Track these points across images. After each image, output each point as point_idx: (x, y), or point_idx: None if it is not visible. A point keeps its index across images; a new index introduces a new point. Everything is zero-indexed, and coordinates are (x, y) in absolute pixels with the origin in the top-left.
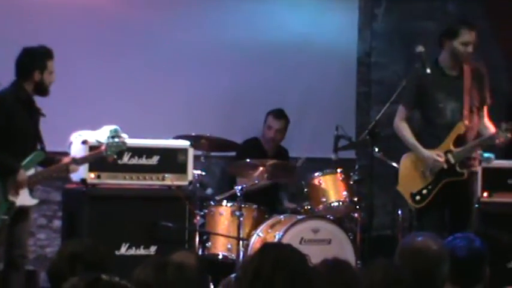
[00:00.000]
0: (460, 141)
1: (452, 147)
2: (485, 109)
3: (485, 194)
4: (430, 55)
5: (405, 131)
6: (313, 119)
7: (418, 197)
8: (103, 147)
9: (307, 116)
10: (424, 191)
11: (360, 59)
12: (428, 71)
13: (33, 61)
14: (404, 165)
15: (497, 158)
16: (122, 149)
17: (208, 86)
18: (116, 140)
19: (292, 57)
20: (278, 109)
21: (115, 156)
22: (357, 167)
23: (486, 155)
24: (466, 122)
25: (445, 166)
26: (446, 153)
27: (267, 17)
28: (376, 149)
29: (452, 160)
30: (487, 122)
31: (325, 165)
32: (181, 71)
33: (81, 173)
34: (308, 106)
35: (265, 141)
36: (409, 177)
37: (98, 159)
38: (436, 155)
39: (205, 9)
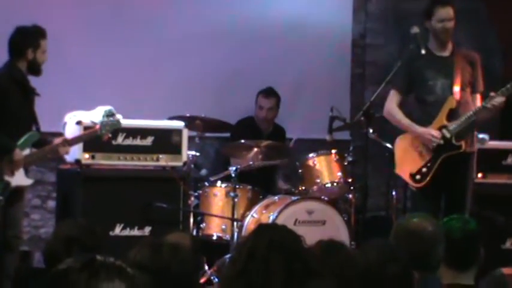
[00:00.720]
0: (452, 115)
1: (445, 122)
2: (478, 96)
3: (479, 175)
4: (424, 36)
5: (396, 113)
6: (308, 100)
7: (418, 176)
8: (97, 127)
9: (301, 97)
10: (424, 169)
11: (354, 40)
12: (423, 51)
13: (26, 39)
14: (399, 147)
15: (491, 138)
16: (117, 128)
17: (202, 67)
18: (111, 119)
19: (286, 38)
20: (267, 88)
21: (109, 135)
22: (351, 148)
23: (480, 136)
24: (457, 97)
25: (441, 142)
26: (440, 128)
27: (265, 1)
28: (371, 130)
29: (447, 134)
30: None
31: (320, 146)
32: (175, 52)
33: (76, 153)
34: (302, 87)
35: (259, 121)
36: (406, 159)
37: (92, 138)
38: (431, 132)
39: None
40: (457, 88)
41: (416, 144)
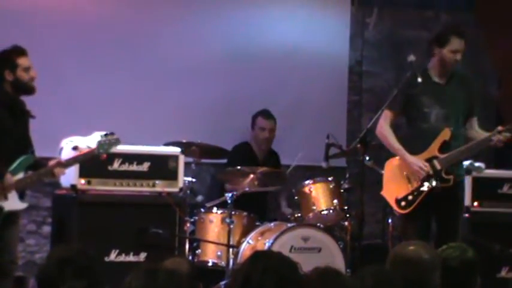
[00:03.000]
0: (445, 147)
1: (437, 153)
2: (475, 119)
3: (475, 204)
4: (421, 64)
5: (389, 135)
6: (304, 127)
7: (403, 203)
8: (94, 146)
9: (298, 124)
10: (410, 197)
11: (351, 67)
12: (419, 80)
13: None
14: (388, 169)
15: (487, 167)
16: (114, 147)
17: (199, 93)
18: (109, 137)
19: (283, 65)
20: (264, 109)
21: (107, 154)
22: (347, 175)
23: (476, 164)
24: (452, 129)
25: (431, 172)
26: (431, 159)
27: (258, 25)
28: (367, 158)
29: (438, 166)
30: (479, 130)
31: (316, 173)
32: (172, 78)
33: (71, 178)
34: (299, 114)
35: (257, 145)
36: (394, 182)
37: (88, 159)
38: (421, 163)
39: (195, 17)
40: (453, 119)
41: (405, 168)
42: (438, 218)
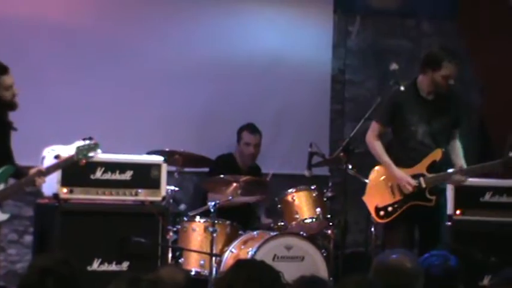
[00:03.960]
0: (433, 167)
1: (425, 171)
2: (456, 130)
3: (458, 212)
4: (404, 73)
5: (378, 148)
6: (287, 136)
7: (382, 212)
8: (73, 152)
9: (281, 133)
10: (390, 208)
11: (333, 76)
12: (402, 88)
13: None
14: (373, 177)
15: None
16: (94, 150)
17: (182, 102)
18: (87, 142)
19: (266, 73)
20: (250, 124)
21: (87, 160)
22: (330, 183)
23: None
24: (443, 150)
25: (415, 189)
26: (418, 175)
27: (241, 33)
28: (350, 166)
29: (423, 185)
30: (456, 143)
31: (299, 182)
32: (155, 86)
33: (53, 187)
34: (282, 123)
35: (242, 158)
36: (376, 190)
37: (68, 165)
38: (408, 179)
39: (179, 25)
40: (443, 139)
41: (390, 179)
42: (421, 226)
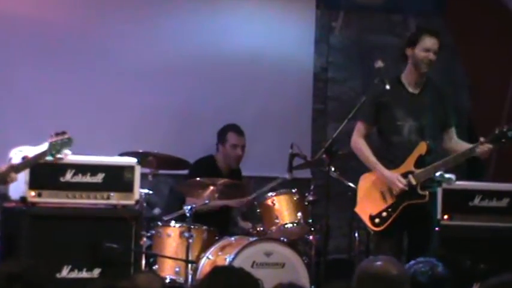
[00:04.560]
0: (420, 162)
1: (413, 168)
2: (452, 130)
3: (445, 217)
4: (389, 71)
5: (364, 149)
6: (267, 137)
7: (377, 220)
8: (46, 149)
9: (260, 134)
10: (384, 214)
11: (316, 74)
12: (387, 87)
13: None
14: (362, 185)
15: (458, 179)
16: (68, 146)
17: (157, 101)
18: (60, 137)
19: (246, 71)
20: (235, 124)
21: (61, 156)
22: (312, 187)
23: (447, 176)
24: (429, 143)
25: (406, 188)
26: (407, 174)
27: (219, 30)
28: (333, 168)
29: (413, 182)
30: (459, 141)
31: (279, 185)
32: (130, 85)
33: (21, 190)
34: (262, 123)
35: (227, 160)
36: (368, 199)
37: (42, 161)
38: (397, 178)
39: (154, 21)
40: (429, 133)
41: (379, 184)
42: (409, 232)
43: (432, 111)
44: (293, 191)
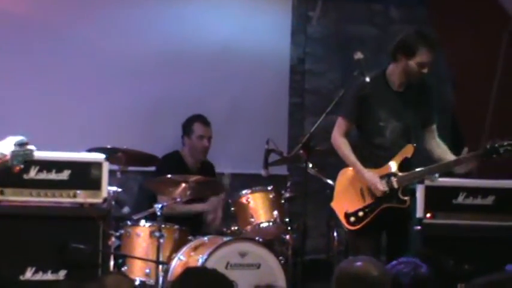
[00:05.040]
0: (405, 164)
1: (397, 171)
2: (433, 128)
3: (428, 215)
4: (369, 63)
5: (344, 147)
6: (242, 132)
7: (352, 218)
8: (7, 157)
9: (235, 129)
10: (360, 213)
11: (292, 66)
12: (367, 79)
13: None
14: (341, 180)
15: (441, 175)
16: (29, 159)
17: (126, 95)
18: (23, 148)
19: (217, 64)
20: (200, 115)
21: (22, 166)
22: (289, 184)
23: None
24: (415, 146)
25: (387, 192)
26: (389, 176)
27: (190, 20)
28: (310, 165)
29: (395, 185)
30: (439, 141)
31: (255, 182)
32: (97, 78)
33: None
34: (236, 117)
35: (194, 153)
36: (345, 195)
37: (1, 170)
38: (378, 181)
39: (121, 13)
40: (415, 134)
41: (359, 181)
42: (388, 231)
43: (416, 109)
44: (269, 188)
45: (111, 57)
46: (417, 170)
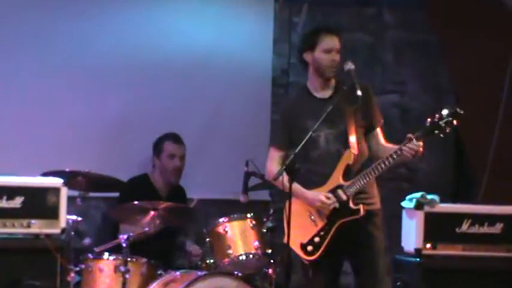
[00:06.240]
0: (349, 172)
1: (342, 181)
2: (378, 132)
3: (428, 246)
4: (362, 74)
5: (281, 177)
6: (218, 152)
7: (309, 247)
8: None
9: (210, 149)
10: (316, 239)
11: (275, 78)
12: (359, 93)
13: None
14: (287, 214)
15: (442, 200)
16: None
17: (87, 111)
18: None
19: (192, 75)
20: (171, 133)
21: None
22: (271, 211)
23: (429, 197)
24: (354, 150)
25: (337, 205)
26: (335, 189)
27: (162, 27)
28: None
29: (343, 197)
30: (385, 143)
31: (233, 209)
32: (53, 93)
33: None
34: (211, 136)
35: (164, 176)
36: (297, 227)
37: None
38: (322, 196)
39: (83, 17)
40: (352, 138)
41: (306, 208)
42: (350, 257)
43: (349, 114)
44: (248, 216)
45: (73, 68)
46: (361, 173)
